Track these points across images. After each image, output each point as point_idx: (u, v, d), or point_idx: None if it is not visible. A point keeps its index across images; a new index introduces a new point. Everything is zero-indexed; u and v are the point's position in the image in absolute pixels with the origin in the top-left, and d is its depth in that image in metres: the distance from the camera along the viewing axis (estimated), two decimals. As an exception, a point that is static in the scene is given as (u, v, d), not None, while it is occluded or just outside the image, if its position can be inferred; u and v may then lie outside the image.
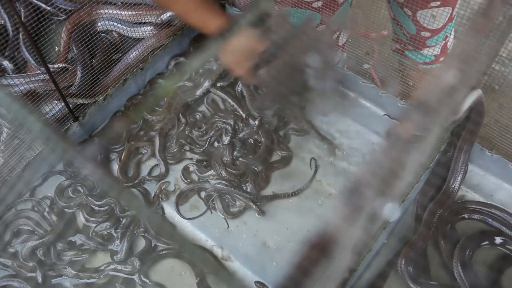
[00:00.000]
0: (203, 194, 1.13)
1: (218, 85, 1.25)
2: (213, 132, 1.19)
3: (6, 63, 1.25)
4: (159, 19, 1.30)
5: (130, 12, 1.31)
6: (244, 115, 1.21)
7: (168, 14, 1.30)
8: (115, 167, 1.16)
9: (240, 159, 1.14)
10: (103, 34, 1.32)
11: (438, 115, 0.39)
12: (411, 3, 1.11)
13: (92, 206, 1.11)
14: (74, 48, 1.28)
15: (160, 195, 1.12)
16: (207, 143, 1.18)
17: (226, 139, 1.17)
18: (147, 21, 1.33)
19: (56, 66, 1.25)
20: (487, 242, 1.02)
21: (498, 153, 1.09)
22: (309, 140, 1.21)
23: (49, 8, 1.35)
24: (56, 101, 1.17)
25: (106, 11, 1.32)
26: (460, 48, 0.42)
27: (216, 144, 1.18)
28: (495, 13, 0.41)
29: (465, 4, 1.01)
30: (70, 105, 1.14)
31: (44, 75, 1.20)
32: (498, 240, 1.02)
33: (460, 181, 1.08)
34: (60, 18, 1.37)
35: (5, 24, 1.31)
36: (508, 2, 0.36)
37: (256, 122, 1.18)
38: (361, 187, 0.34)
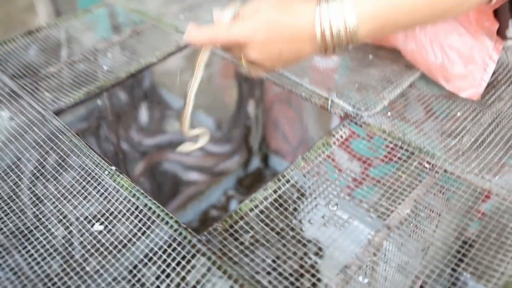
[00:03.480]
0: None
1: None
2: None
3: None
4: (214, 168, 1.75)
5: (190, 159, 1.76)
6: None
7: (221, 166, 1.75)
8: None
9: None
10: (169, 173, 1.75)
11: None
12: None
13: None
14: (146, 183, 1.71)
15: None
16: None
17: None
18: (204, 165, 1.77)
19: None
20: None
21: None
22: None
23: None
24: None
25: (172, 155, 1.76)
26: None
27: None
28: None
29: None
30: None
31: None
32: None
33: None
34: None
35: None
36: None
37: None
38: None
